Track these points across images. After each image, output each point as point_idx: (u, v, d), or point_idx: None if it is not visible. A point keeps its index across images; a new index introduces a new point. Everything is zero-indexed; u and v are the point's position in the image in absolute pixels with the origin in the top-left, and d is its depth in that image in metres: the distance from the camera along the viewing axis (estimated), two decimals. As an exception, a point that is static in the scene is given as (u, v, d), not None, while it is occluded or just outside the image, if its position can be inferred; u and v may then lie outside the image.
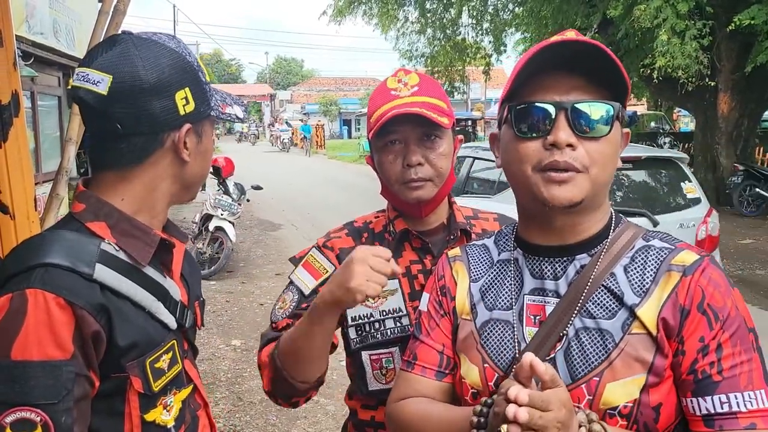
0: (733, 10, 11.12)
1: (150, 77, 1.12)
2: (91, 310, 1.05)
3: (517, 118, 1.08)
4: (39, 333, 1.00)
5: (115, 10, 2.32)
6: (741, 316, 1.03)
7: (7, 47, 2.13)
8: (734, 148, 12.98)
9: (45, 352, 1.00)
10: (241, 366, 5.31)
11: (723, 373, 1.00)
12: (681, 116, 28.15)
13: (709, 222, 5.64)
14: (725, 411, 0.99)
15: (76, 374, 1.02)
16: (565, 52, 1.05)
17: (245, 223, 12.08)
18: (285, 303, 1.53)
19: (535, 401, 0.87)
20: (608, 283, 1.08)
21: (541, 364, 0.90)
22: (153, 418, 1.15)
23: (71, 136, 2.38)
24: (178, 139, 1.18)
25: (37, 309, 1.01)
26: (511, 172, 1.12)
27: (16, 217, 2.13)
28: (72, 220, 1.17)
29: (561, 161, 1.04)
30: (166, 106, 1.14)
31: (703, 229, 5.52)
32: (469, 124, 20.41)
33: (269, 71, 74.29)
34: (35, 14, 7.33)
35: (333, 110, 52.42)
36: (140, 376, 1.12)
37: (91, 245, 1.11)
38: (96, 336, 1.05)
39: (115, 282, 1.10)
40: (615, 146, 1.09)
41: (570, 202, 1.05)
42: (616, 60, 1.04)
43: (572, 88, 1.06)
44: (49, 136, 9.24)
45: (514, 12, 16.55)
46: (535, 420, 0.86)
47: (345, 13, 17.30)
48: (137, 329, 1.12)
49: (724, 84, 12.51)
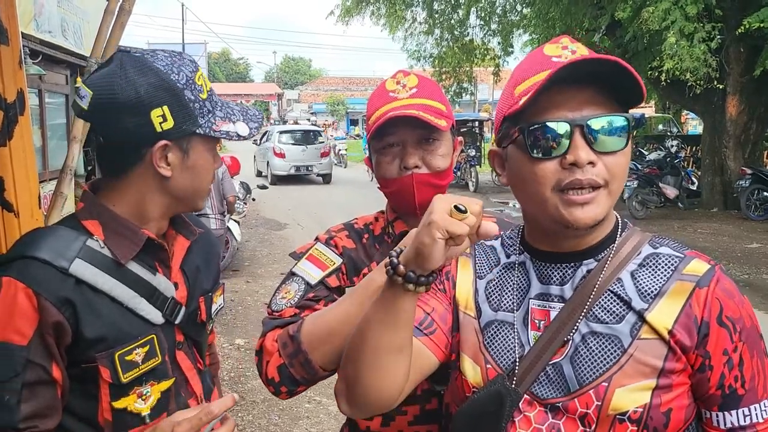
0: (742, 13, 11.06)
1: (123, 95, 1.20)
2: (55, 302, 1.14)
3: (530, 138, 1.04)
4: (3, 317, 1.12)
5: (121, 9, 2.33)
6: (754, 325, 1.06)
7: (13, 46, 2.14)
8: (742, 151, 12.91)
9: (4, 334, 1.12)
10: (245, 365, 5.32)
11: (745, 386, 1.04)
12: (689, 119, 28.02)
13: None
14: (747, 424, 1.03)
15: (28, 360, 1.12)
16: (576, 68, 1.01)
17: (251, 222, 12.10)
18: (289, 293, 1.48)
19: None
20: (615, 288, 1.08)
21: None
22: (124, 405, 1.24)
23: (75, 135, 2.39)
24: (152, 155, 1.24)
25: (7, 295, 1.12)
26: (527, 193, 1.09)
27: (20, 214, 2.14)
28: (72, 217, 1.27)
29: (584, 179, 1.02)
30: (140, 122, 1.22)
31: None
32: (476, 125, 20.33)
33: (277, 70, 74.41)
34: (43, 12, 7.35)
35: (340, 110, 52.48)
36: (109, 367, 1.20)
37: (76, 241, 1.21)
38: (58, 326, 1.14)
39: (91, 277, 1.19)
40: (629, 156, 1.08)
41: (594, 222, 1.05)
42: (634, 72, 1.00)
43: (583, 103, 1.03)
44: (56, 134, 9.27)
45: (522, 13, 16.52)
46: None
47: (353, 13, 17.30)
48: (108, 323, 1.20)
49: (732, 87, 12.45)
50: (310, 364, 1.33)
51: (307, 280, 1.49)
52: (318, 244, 1.57)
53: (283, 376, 1.36)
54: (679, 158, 14.10)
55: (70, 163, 2.41)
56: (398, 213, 1.57)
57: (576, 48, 1.09)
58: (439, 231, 0.94)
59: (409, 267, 0.99)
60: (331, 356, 1.33)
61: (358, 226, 1.61)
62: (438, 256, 0.96)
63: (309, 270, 1.51)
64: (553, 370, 1.07)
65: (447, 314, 1.20)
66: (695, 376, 1.04)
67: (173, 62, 1.26)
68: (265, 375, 1.38)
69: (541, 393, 1.07)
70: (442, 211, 0.95)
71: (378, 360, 1.06)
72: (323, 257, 1.53)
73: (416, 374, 1.14)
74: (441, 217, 0.94)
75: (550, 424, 1.06)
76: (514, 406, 1.08)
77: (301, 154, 19.53)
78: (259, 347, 1.42)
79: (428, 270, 0.99)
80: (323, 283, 1.48)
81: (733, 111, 12.71)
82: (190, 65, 1.28)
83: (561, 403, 1.05)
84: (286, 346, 1.35)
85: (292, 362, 1.34)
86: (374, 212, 1.66)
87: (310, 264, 1.52)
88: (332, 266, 1.50)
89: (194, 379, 1.40)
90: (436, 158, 1.47)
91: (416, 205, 1.47)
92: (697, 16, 10.51)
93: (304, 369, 1.34)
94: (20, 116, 2.16)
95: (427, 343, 1.16)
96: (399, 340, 1.05)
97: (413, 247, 0.98)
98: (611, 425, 1.02)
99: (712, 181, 13.43)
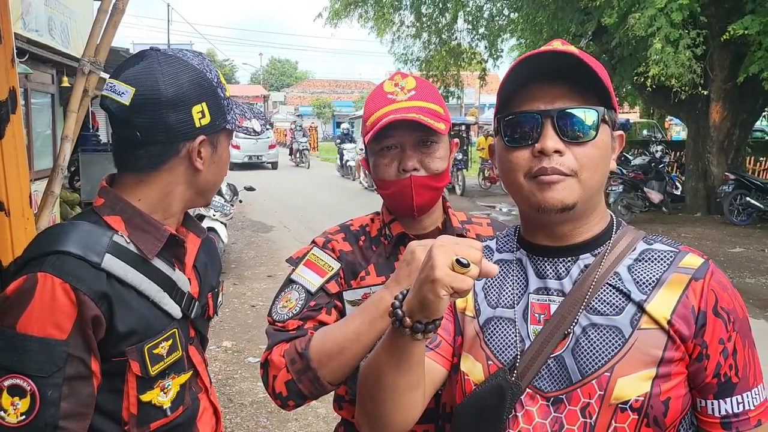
0: (726, 20, 11.20)
1: (168, 91, 1.24)
2: (93, 296, 1.16)
3: (506, 128, 1.12)
4: (42, 312, 1.13)
5: (114, 8, 2.32)
6: (745, 316, 1.12)
7: (6, 44, 2.12)
8: (725, 157, 13.05)
9: (44, 329, 1.13)
10: (232, 368, 5.30)
11: (739, 374, 1.08)
12: (673, 125, 28.30)
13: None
14: (740, 411, 1.07)
15: (69, 354, 1.14)
16: (548, 63, 1.08)
17: (237, 224, 12.05)
18: (290, 302, 1.47)
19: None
20: (613, 282, 1.11)
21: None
22: (149, 398, 1.26)
23: (67, 134, 2.37)
24: (192, 149, 1.29)
25: (44, 291, 1.14)
26: (507, 180, 1.15)
27: (11, 214, 2.12)
28: (92, 212, 1.29)
29: (548, 167, 1.07)
30: (182, 118, 1.26)
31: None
32: (463, 129, 20.40)
33: (263, 72, 74.15)
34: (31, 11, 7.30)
35: (327, 112, 52.42)
36: (138, 360, 1.23)
37: (104, 237, 1.23)
38: (95, 320, 1.17)
39: (121, 272, 1.22)
40: (604, 149, 1.12)
41: (562, 204, 1.08)
42: (593, 65, 1.07)
43: (558, 97, 1.10)
44: (41, 134, 9.18)
45: (509, 17, 16.59)
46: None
47: (341, 15, 17.29)
48: (137, 317, 1.23)
49: (716, 93, 12.59)
50: (319, 381, 1.35)
51: (307, 287, 1.49)
52: (315, 249, 1.56)
53: (291, 391, 1.37)
54: (664, 163, 14.24)
55: (61, 162, 2.39)
56: (395, 214, 1.57)
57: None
58: (443, 289, 0.94)
59: (415, 317, 0.99)
60: (340, 373, 1.35)
61: (354, 228, 1.61)
62: (443, 308, 0.97)
63: (308, 277, 1.50)
64: (554, 363, 1.09)
65: (448, 323, 1.22)
66: (693, 365, 1.07)
67: (203, 61, 1.32)
68: (272, 389, 1.39)
69: (544, 386, 1.09)
70: (443, 266, 0.94)
71: (396, 400, 1.10)
72: (321, 263, 1.52)
73: (429, 389, 1.17)
74: (445, 274, 0.93)
75: (553, 418, 1.07)
76: (515, 400, 1.09)
77: (253, 146, 24.27)
78: (264, 360, 1.43)
79: (433, 318, 0.99)
80: (323, 289, 1.48)
81: (716, 117, 12.85)
82: (213, 66, 1.34)
83: (564, 394, 1.07)
84: (294, 362, 1.36)
85: (301, 378, 1.36)
86: (370, 213, 1.67)
87: (309, 270, 1.52)
88: (331, 272, 1.51)
89: (204, 373, 1.45)
90: (434, 161, 1.48)
91: (414, 207, 1.48)
92: (682, 22, 10.64)
93: (313, 385, 1.35)
94: (12, 115, 2.14)
95: (434, 357, 1.19)
96: (414, 379, 1.09)
97: (417, 299, 0.97)
98: (613, 415, 1.04)
99: (696, 186, 13.56)
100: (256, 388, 4.85)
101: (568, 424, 1.06)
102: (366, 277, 1.53)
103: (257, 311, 6.79)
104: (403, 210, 1.52)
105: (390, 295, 1.29)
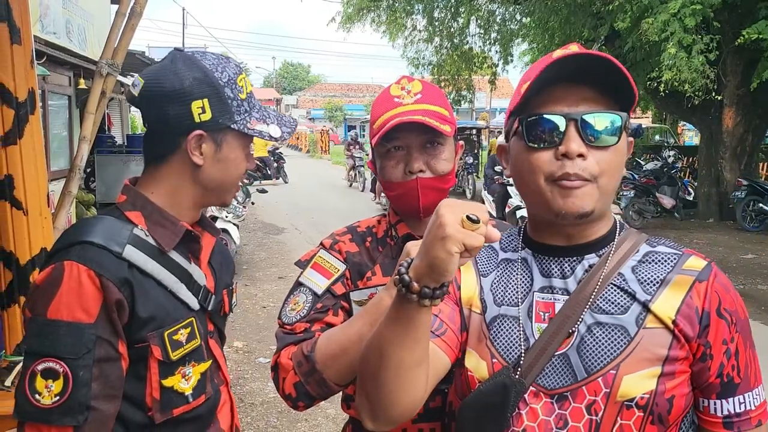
0: (740, 25, 11.15)
1: (170, 85, 1.31)
2: (116, 282, 1.23)
3: (528, 129, 1.11)
4: (70, 298, 1.20)
5: (132, 11, 2.37)
6: (747, 318, 1.14)
7: (25, 45, 2.17)
8: (738, 163, 12.97)
9: (73, 314, 1.19)
10: (243, 368, 5.34)
11: (741, 374, 1.10)
12: (686, 130, 28.11)
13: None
14: (742, 411, 1.10)
15: (98, 337, 1.20)
16: (572, 64, 1.08)
17: (249, 225, 12.11)
18: (297, 305, 1.51)
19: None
20: (618, 282, 1.12)
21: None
22: (171, 384, 1.32)
23: (85, 135, 2.42)
24: (188, 143, 1.34)
25: (71, 278, 1.20)
26: (524, 182, 1.15)
27: (29, 212, 2.17)
28: (115, 209, 1.37)
29: (572, 173, 1.07)
30: (181, 112, 1.32)
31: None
32: (474, 133, 20.35)
33: (276, 76, 74.43)
34: (49, 14, 7.39)
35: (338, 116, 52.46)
36: (159, 344, 1.29)
37: (124, 229, 1.30)
38: (119, 304, 1.23)
39: (141, 261, 1.28)
40: (622, 155, 1.13)
41: (581, 211, 1.08)
42: (625, 71, 1.07)
43: (581, 100, 1.09)
44: (58, 135, 9.29)
45: (521, 22, 16.58)
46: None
47: (354, 20, 17.34)
48: (157, 304, 1.30)
49: (729, 99, 12.52)
50: (326, 382, 1.39)
51: (314, 290, 1.52)
52: (321, 251, 1.59)
53: (300, 392, 1.41)
54: (676, 169, 14.17)
55: (79, 162, 2.45)
56: (401, 216, 1.59)
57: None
58: (455, 245, 0.90)
59: (422, 282, 0.95)
60: (345, 373, 1.39)
61: (360, 230, 1.64)
62: (454, 269, 0.93)
63: (315, 279, 1.54)
64: (559, 361, 1.10)
65: (454, 314, 1.22)
66: (696, 365, 1.09)
67: (219, 62, 1.37)
68: (282, 390, 1.44)
69: (548, 383, 1.10)
70: (454, 223, 0.91)
71: (400, 377, 1.05)
72: (327, 265, 1.55)
73: (433, 377, 1.14)
74: (455, 230, 0.90)
75: (558, 415, 1.08)
76: (519, 397, 1.10)
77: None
78: (274, 363, 1.47)
79: (442, 282, 0.96)
80: (330, 291, 1.51)
81: (729, 122, 12.78)
82: (234, 68, 1.39)
83: (569, 391, 1.08)
84: (301, 365, 1.40)
85: (308, 380, 1.40)
86: (377, 215, 1.70)
87: (316, 273, 1.55)
88: (336, 273, 1.53)
89: (224, 366, 1.50)
90: (440, 162, 1.50)
91: (420, 208, 1.51)
92: (695, 27, 10.58)
93: (320, 386, 1.39)
94: (31, 115, 2.19)
95: (440, 344, 1.17)
96: (419, 354, 1.04)
97: (425, 261, 0.94)
98: (618, 412, 1.05)
99: (709, 192, 13.48)
100: (267, 388, 4.89)
101: (572, 421, 1.07)
102: (372, 278, 1.55)
103: (268, 312, 6.83)
104: (409, 211, 1.55)
105: (390, 297, 1.31)
